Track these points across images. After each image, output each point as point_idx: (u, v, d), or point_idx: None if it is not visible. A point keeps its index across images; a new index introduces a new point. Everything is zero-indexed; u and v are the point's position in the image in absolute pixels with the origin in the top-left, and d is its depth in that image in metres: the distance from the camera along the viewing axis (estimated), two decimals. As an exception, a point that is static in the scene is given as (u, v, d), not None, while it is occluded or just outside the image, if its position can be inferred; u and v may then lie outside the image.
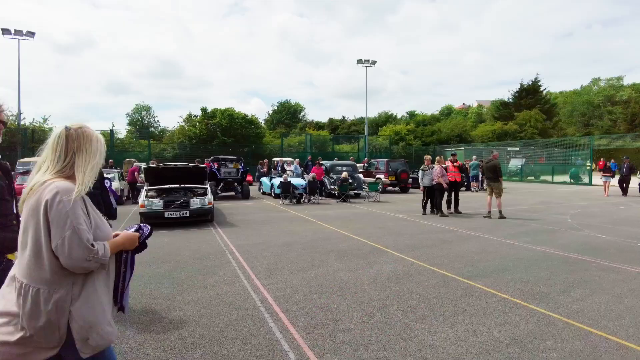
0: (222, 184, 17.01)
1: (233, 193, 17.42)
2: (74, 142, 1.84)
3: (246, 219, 11.07)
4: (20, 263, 1.76)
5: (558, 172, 28.14)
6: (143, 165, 16.35)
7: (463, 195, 13.34)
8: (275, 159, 23.68)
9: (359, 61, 36.28)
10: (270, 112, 62.49)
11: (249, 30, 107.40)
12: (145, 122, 56.56)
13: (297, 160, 22.18)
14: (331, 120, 58.85)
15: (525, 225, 10.00)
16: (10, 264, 2.27)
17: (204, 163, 17.35)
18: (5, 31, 27.27)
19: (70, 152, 1.83)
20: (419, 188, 16.60)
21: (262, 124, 42.54)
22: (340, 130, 53.46)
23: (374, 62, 36.72)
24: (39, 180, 1.77)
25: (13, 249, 2.24)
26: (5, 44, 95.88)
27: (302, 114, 62.91)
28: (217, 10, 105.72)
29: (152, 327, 3.89)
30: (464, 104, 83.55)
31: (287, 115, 59.83)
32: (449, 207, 12.18)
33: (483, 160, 15.49)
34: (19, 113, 28.60)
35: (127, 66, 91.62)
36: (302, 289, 5.02)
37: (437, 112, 57.45)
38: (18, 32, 27.54)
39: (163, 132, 47.65)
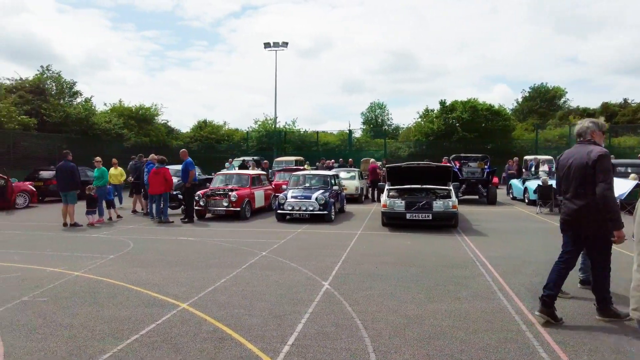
0: (464, 186, 16.81)
1: (476, 196, 16.98)
2: None
3: (495, 228, 10.64)
4: None
5: None
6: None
7: None
8: (527, 157, 21.77)
9: (654, 23, 29.68)
10: (520, 99, 57.83)
11: (492, 6, 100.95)
12: (379, 120, 60.96)
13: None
14: (605, 106, 49.94)
15: None
16: None
17: (441, 162, 17.52)
18: (267, 45, 34.14)
19: None
20: None
21: (511, 115, 39.68)
22: (620, 118, 44.80)
23: (679, 21, 29.37)
24: None
25: None
26: (264, 56, 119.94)
27: (563, 99, 55.82)
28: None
29: (406, 331, 4.21)
30: None
31: (542, 103, 54.11)
32: None
33: None
34: (275, 117, 35.27)
35: (361, 63, 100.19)
36: (578, 318, 4.51)
37: None
38: (276, 44, 34.08)
39: (397, 130, 50.37)
